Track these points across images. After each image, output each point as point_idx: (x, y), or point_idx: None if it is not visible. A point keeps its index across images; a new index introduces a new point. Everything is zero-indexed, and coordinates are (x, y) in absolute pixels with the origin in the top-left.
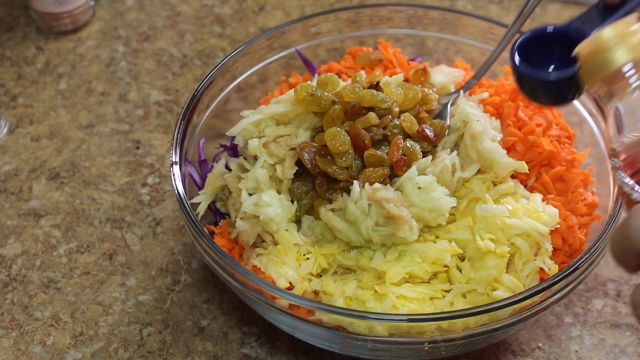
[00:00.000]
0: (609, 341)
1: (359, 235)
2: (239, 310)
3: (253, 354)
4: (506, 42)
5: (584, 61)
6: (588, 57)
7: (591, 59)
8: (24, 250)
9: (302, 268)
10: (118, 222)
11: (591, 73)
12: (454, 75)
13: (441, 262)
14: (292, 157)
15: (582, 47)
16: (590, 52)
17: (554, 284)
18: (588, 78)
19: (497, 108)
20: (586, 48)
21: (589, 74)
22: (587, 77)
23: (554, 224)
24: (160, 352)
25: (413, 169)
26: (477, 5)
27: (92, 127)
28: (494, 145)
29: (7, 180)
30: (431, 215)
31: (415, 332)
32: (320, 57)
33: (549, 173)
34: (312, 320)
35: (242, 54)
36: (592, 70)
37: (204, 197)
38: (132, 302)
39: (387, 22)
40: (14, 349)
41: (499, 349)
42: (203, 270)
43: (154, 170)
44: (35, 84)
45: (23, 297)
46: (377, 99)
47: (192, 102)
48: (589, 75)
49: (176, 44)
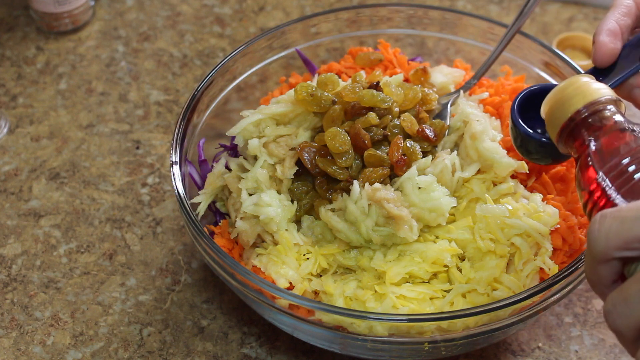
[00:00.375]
0: (609, 341)
1: (359, 235)
2: (239, 310)
3: (253, 354)
4: (506, 42)
5: (547, 117)
6: (549, 112)
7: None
8: (24, 250)
9: (302, 268)
10: (118, 222)
11: (553, 124)
12: (454, 75)
13: (441, 262)
14: (292, 157)
15: (545, 105)
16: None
17: (554, 284)
18: (551, 130)
19: (497, 108)
20: (548, 103)
21: (551, 125)
22: (551, 129)
23: (554, 224)
24: (160, 352)
25: (413, 169)
26: (477, 5)
27: (92, 127)
28: (494, 145)
29: (7, 180)
30: (431, 215)
31: (415, 332)
32: (320, 57)
33: (549, 173)
34: (312, 320)
35: (242, 54)
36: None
37: (204, 197)
38: (132, 302)
39: (387, 22)
40: (14, 349)
41: (499, 349)
42: (203, 270)
43: (154, 170)
44: (35, 84)
45: (23, 297)
46: (377, 99)
47: (192, 102)
48: (552, 127)
49: (176, 44)
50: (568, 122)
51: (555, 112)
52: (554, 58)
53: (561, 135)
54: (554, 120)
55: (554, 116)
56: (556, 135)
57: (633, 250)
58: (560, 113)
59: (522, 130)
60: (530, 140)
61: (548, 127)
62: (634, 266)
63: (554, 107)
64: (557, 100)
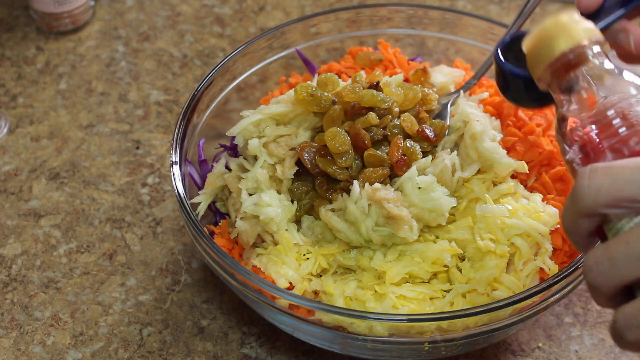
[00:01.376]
0: (609, 341)
1: (359, 235)
2: (239, 310)
3: (253, 354)
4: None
5: (529, 52)
6: (533, 48)
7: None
8: (24, 250)
9: (302, 268)
10: (118, 222)
11: (535, 62)
12: (454, 75)
13: (441, 262)
14: (292, 157)
15: (528, 40)
16: (534, 43)
17: (554, 284)
18: (533, 67)
19: (497, 108)
20: (531, 40)
21: (533, 63)
22: (533, 67)
23: (554, 224)
24: (160, 352)
25: (413, 169)
26: (477, 5)
27: (92, 127)
28: (494, 145)
29: (7, 180)
30: (431, 215)
31: (415, 332)
32: (320, 57)
33: (549, 173)
34: (312, 320)
35: (242, 54)
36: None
37: (204, 197)
38: (132, 302)
39: (387, 22)
40: (14, 349)
41: (499, 349)
42: (203, 270)
43: (154, 170)
44: (35, 84)
45: (23, 297)
46: (377, 99)
47: (192, 102)
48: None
49: (176, 44)
50: (552, 64)
51: (538, 50)
52: None
53: (543, 75)
54: (536, 59)
55: (537, 55)
56: (537, 75)
57: (620, 209)
58: (544, 53)
59: (504, 67)
60: (512, 78)
61: (530, 65)
62: (619, 224)
63: (538, 44)
64: (542, 38)
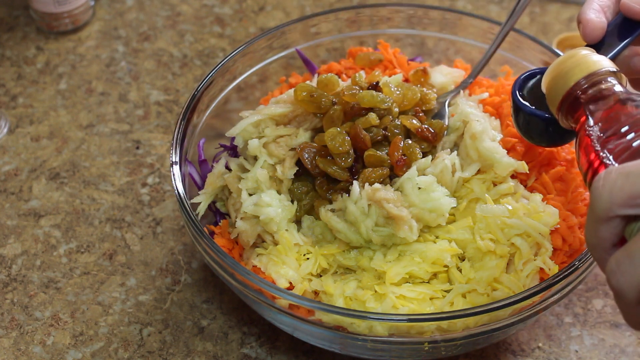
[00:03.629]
0: (609, 341)
1: (359, 236)
2: (239, 310)
3: (253, 354)
4: (500, 41)
5: (548, 89)
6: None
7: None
8: (24, 250)
9: (302, 268)
10: (118, 222)
11: (554, 97)
12: (454, 76)
13: (441, 262)
14: (292, 157)
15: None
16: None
17: (554, 284)
18: (552, 103)
19: (497, 108)
20: (548, 76)
21: (551, 99)
22: (551, 103)
23: (554, 224)
24: (160, 352)
25: (413, 169)
26: (477, 5)
27: (92, 127)
28: (494, 145)
29: (7, 180)
30: (431, 215)
31: (415, 332)
32: (320, 57)
33: (549, 173)
34: (312, 320)
35: (242, 54)
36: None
37: (204, 197)
38: (132, 302)
39: (387, 22)
40: (14, 349)
41: (499, 349)
42: (203, 270)
43: (154, 170)
44: (35, 84)
45: (23, 297)
46: (377, 99)
47: (192, 102)
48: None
49: (176, 44)
50: (568, 94)
51: (555, 84)
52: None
53: (562, 108)
54: (554, 93)
55: (555, 88)
56: (557, 108)
57: (636, 208)
58: (560, 85)
59: (524, 109)
60: (532, 118)
61: (549, 100)
62: (637, 226)
63: (555, 79)
64: (558, 73)
